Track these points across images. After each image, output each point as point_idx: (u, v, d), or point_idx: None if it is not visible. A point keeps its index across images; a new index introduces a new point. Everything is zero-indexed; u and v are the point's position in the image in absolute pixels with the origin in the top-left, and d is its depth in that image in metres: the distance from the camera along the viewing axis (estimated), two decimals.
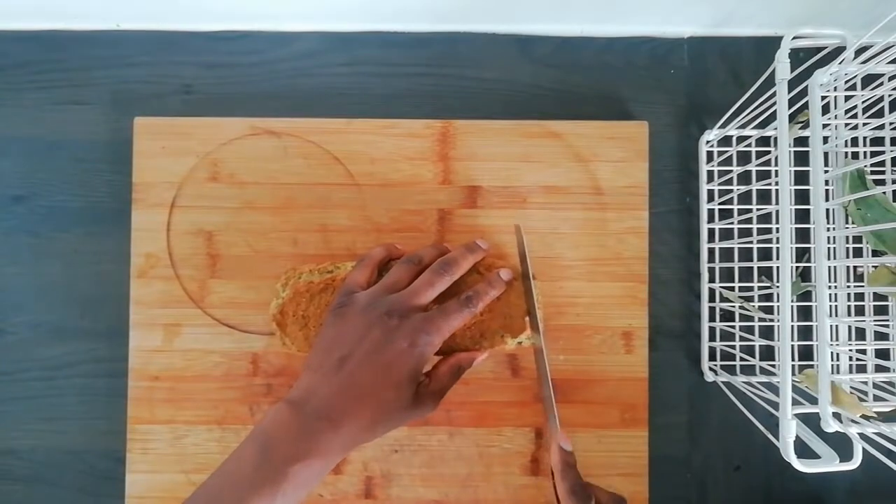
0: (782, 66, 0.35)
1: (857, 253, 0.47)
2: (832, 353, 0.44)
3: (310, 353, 0.39)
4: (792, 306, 0.47)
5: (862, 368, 0.45)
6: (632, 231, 0.47)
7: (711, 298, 0.48)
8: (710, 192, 0.48)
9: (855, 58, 0.34)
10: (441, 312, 0.38)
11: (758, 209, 0.47)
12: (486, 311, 0.41)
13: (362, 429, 0.35)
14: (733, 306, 0.48)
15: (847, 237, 0.46)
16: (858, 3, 0.43)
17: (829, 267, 0.46)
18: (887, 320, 0.46)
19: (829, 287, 0.46)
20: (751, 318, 0.48)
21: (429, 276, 0.40)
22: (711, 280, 0.48)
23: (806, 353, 0.48)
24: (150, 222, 0.47)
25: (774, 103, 0.36)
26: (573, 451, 0.38)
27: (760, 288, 0.48)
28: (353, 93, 0.49)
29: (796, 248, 0.48)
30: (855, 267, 0.47)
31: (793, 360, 0.47)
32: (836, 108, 0.43)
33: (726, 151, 0.47)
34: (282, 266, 0.45)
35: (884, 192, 0.36)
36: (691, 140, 0.49)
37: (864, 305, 0.46)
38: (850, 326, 0.45)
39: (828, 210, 0.47)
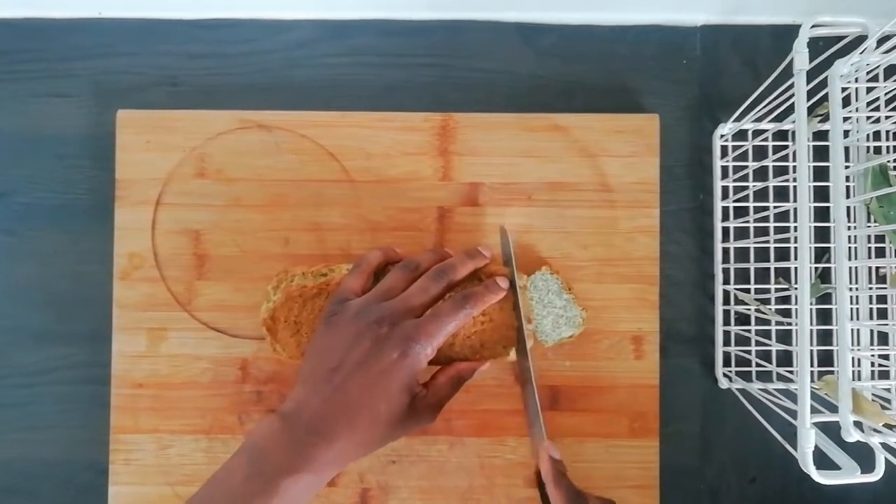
0: (800, 56, 0.35)
1: (880, 253, 0.47)
2: (853, 358, 0.44)
3: (301, 364, 0.39)
4: (811, 309, 0.47)
5: (884, 374, 0.45)
6: (642, 230, 0.47)
7: (726, 301, 0.48)
8: (725, 189, 0.48)
9: (877, 47, 0.34)
10: (433, 316, 0.38)
11: (775, 207, 0.47)
12: (487, 321, 0.42)
13: (356, 444, 0.35)
14: (749, 309, 0.48)
15: (869, 236, 0.46)
16: None
17: (850, 268, 0.46)
18: None
19: (850, 289, 0.46)
20: (767, 322, 0.48)
21: (424, 281, 0.40)
22: (726, 282, 0.48)
23: (825, 359, 0.48)
24: (134, 221, 0.47)
25: (792, 95, 0.36)
26: (562, 458, 0.38)
27: (777, 290, 0.48)
28: (348, 84, 0.49)
29: (815, 247, 0.48)
30: (877, 268, 0.47)
31: (811, 365, 0.47)
32: (857, 100, 0.43)
33: (741, 146, 0.47)
34: (272, 267, 0.45)
35: None
36: (704, 134, 0.49)
37: (886, 308, 0.46)
38: (871, 330, 0.46)
39: (848, 208, 0.47)
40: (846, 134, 0.46)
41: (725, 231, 0.48)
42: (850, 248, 0.47)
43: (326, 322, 0.39)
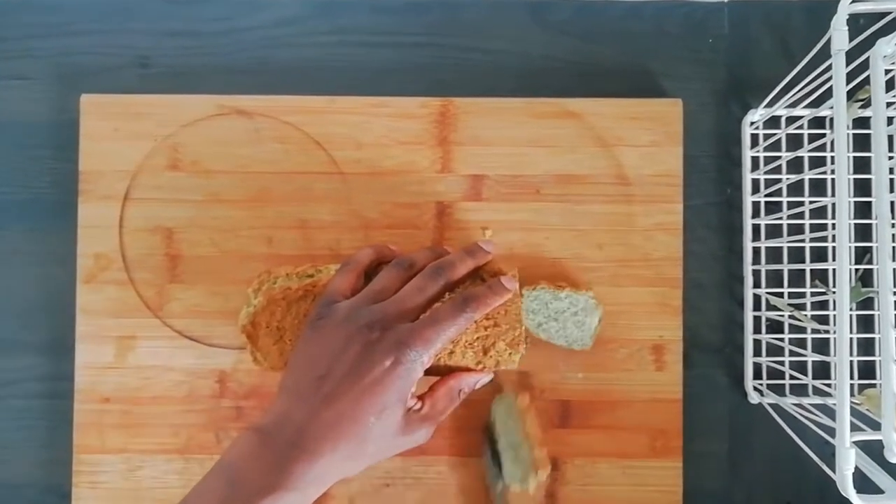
0: (839, 35, 0.35)
1: None
2: None
3: (284, 373, 0.39)
4: (850, 315, 0.47)
5: None
6: (663, 227, 0.47)
7: (756, 306, 0.48)
8: (755, 182, 0.48)
9: None
10: (431, 320, 0.38)
11: (811, 202, 0.47)
12: (491, 324, 0.41)
13: (343, 459, 0.36)
14: (782, 315, 0.48)
15: None
16: None
17: (895, 269, 0.46)
18: None
19: (894, 293, 0.46)
20: (802, 330, 0.48)
21: (420, 280, 0.40)
22: (756, 285, 0.48)
23: (867, 371, 0.48)
24: (100, 217, 0.47)
25: (830, 78, 0.36)
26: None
27: (814, 294, 0.48)
28: (336, 66, 0.49)
29: (856, 247, 0.47)
30: None
31: (851, 378, 0.47)
32: None
33: (774, 134, 0.47)
34: (254, 268, 0.45)
35: None
36: (732, 121, 0.49)
37: None
38: None
39: (893, 203, 0.47)
40: (890, 121, 0.46)
41: (756, 229, 0.48)
42: (894, 247, 0.47)
43: (312, 326, 0.39)
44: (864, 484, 0.34)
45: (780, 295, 0.48)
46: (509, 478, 0.44)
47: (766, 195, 0.48)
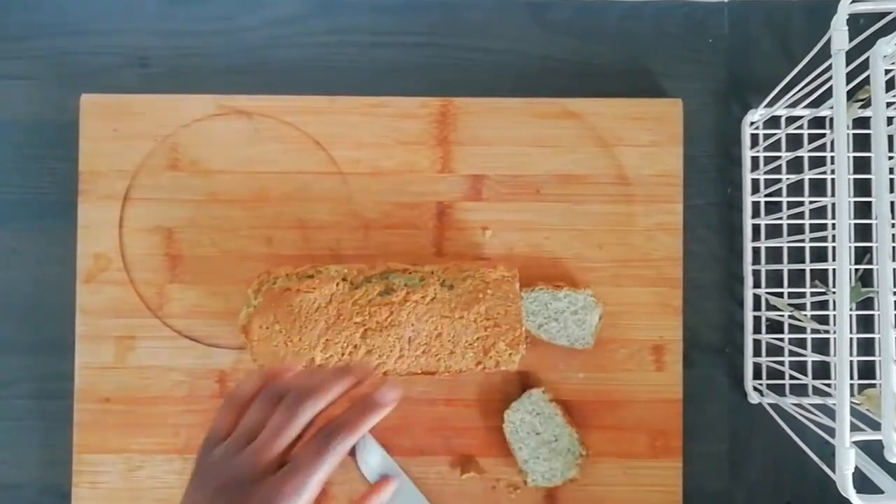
0: (839, 35, 0.35)
1: None
2: None
3: None
4: (850, 315, 0.47)
5: None
6: (663, 227, 0.47)
7: (756, 306, 0.48)
8: (755, 182, 0.48)
9: None
10: (292, 471, 0.33)
11: (811, 202, 0.47)
12: (491, 325, 0.42)
13: None
14: (782, 316, 0.48)
15: None
16: None
17: (894, 269, 0.46)
18: None
19: (894, 293, 0.46)
20: (803, 330, 0.48)
21: (278, 418, 0.35)
22: (756, 285, 0.48)
23: (867, 371, 0.48)
24: (100, 217, 0.47)
25: (830, 78, 0.36)
26: None
27: (814, 294, 0.48)
28: (336, 66, 0.49)
29: (856, 247, 0.48)
30: None
31: (851, 378, 0.47)
32: None
33: (774, 134, 0.47)
34: (253, 268, 0.45)
35: None
36: (732, 121, 0.49)
37: None
38: None
39: (893, 203, 0.47)
40: (890, 121, 0.46)
41: (756, 229, 0.48)
42: (894, 247, 0.47)
43: (193, 474, 0.36)
44: (864, 484, 0.34)
45: (780, 295, 0.48)
46: (545, 478, 0.45)
47: (766, 195, 0.48)
